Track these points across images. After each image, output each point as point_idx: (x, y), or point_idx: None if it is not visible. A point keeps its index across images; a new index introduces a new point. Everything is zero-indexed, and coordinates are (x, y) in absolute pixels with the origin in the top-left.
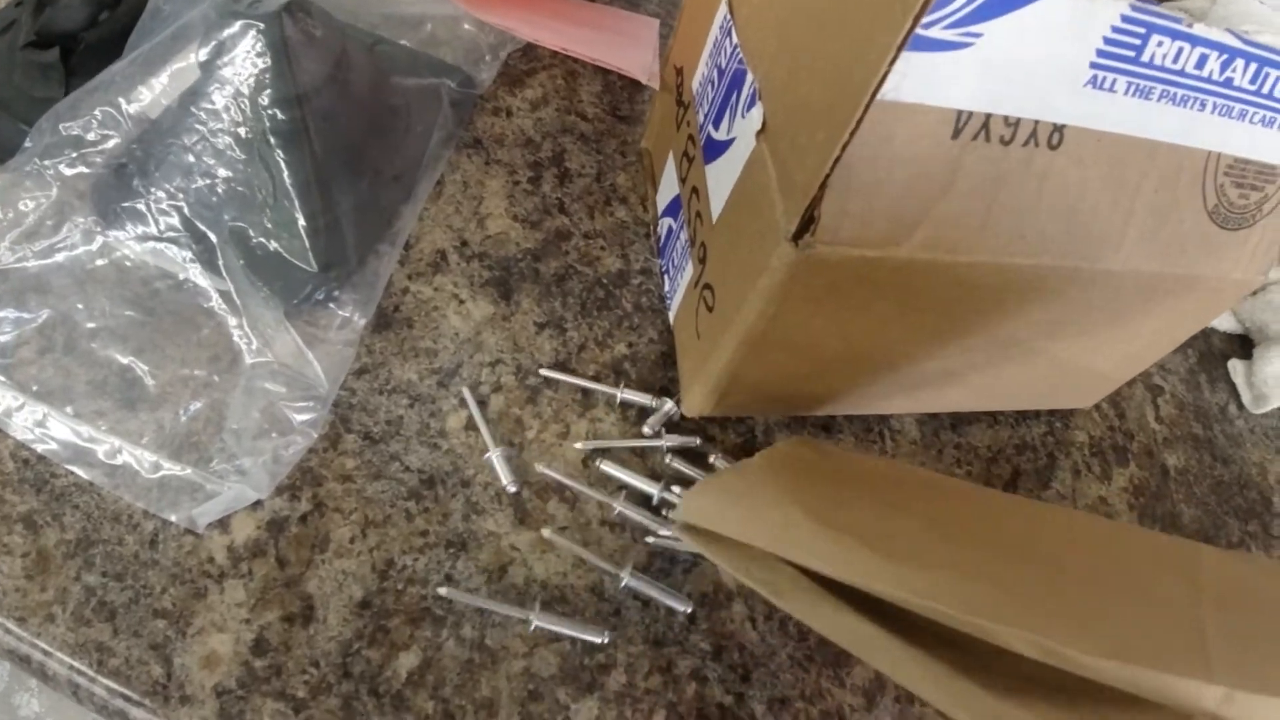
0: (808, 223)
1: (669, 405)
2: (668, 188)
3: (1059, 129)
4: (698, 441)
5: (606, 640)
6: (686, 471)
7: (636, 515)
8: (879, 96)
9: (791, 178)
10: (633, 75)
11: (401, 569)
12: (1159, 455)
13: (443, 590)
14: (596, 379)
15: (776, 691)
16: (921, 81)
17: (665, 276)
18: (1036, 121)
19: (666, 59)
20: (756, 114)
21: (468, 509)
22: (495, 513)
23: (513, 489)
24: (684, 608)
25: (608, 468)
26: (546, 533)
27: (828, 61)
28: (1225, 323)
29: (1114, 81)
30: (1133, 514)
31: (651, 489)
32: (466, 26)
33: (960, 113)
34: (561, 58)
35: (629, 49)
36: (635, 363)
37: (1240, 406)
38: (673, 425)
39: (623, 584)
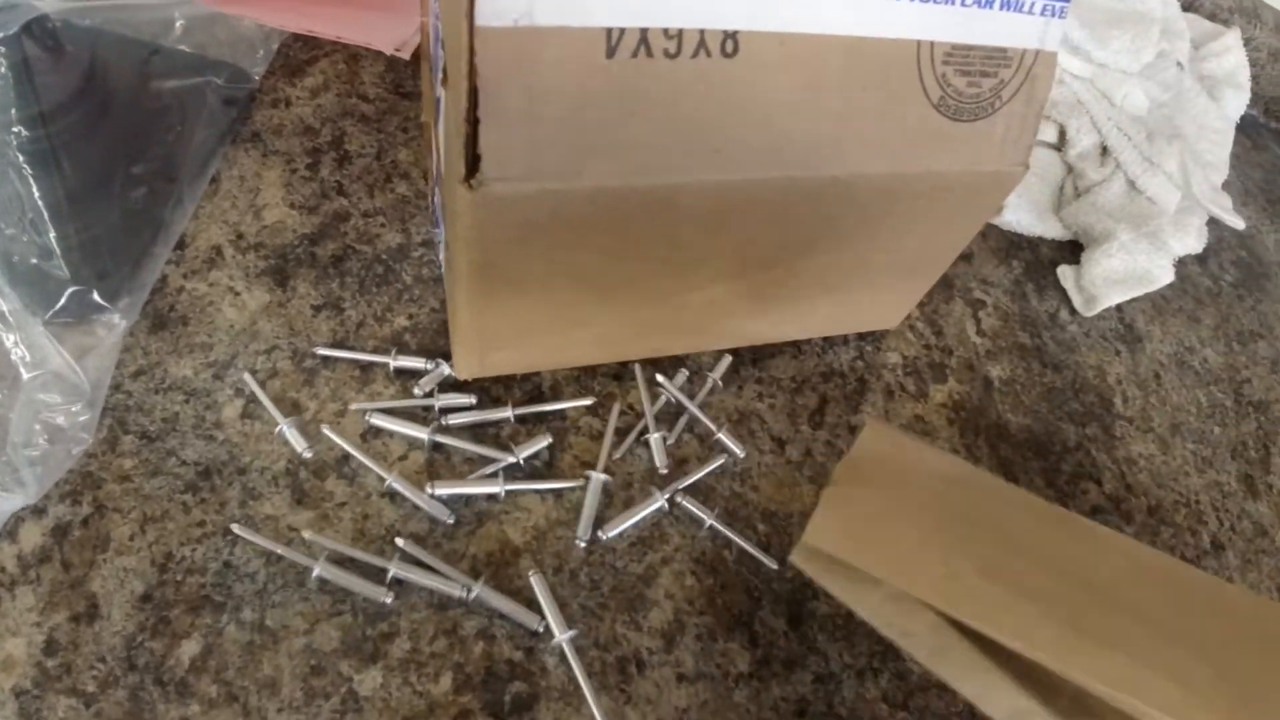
0: (475, 161)
1: (441, 368)
2: (435, 156)
3: (730, 36)
4: (473, 400)
5: (391, 600)
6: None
7: (407, 490)
8: (503, 23)
9: (458, 120)
10: (377, 49)
11: (180, 560)
12: (981, 368)
13: (235, 527)
14: (375, 354)
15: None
16: (557, 3)
17: (440, 245)
18: (702, 31)
19: (423, 26)
20: (441, 64)
21: (245, 495)
22: (273, 496)
23: (309, 454)
24: (459, 593)
25: (378, 420)
26: (308, 534)
27: None
28: (1053, 230)
29: None
30: (952, 429)
31: (421, 434)
32: (247, 23)
33: (610, 30)
34: (343, 42)
35: (385, 22)
36: (416, 334)
37: (1072, 312)
38: (458, 388)
39: (390, 575)
